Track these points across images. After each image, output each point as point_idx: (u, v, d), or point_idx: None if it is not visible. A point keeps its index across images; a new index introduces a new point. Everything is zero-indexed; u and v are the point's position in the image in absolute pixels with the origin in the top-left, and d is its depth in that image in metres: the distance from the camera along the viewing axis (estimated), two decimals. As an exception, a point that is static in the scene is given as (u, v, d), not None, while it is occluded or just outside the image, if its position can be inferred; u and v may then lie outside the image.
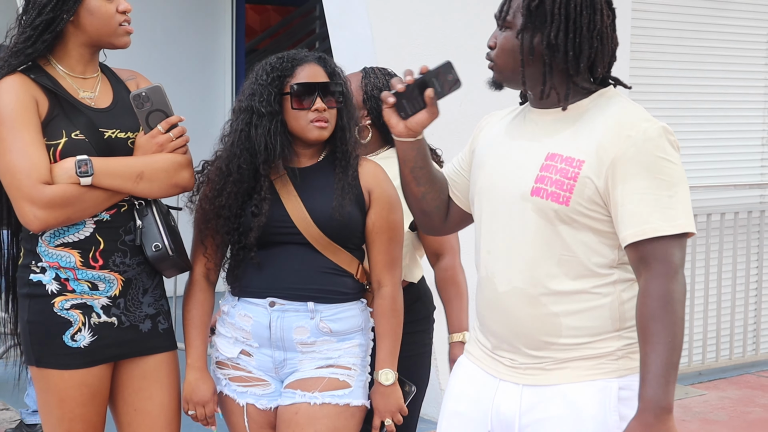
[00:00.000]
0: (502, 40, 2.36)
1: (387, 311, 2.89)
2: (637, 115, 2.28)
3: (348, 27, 5.14)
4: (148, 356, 2.86)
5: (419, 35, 5.15)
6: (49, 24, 2.70)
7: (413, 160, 2.52)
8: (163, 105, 2.77)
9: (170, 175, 2.78)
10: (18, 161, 2.63)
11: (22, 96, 2.67)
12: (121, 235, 2.78)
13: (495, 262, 2.39)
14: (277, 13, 12.30)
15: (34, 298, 2.75)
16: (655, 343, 2.16)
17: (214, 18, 8.38)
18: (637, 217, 2.19)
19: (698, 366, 6.38)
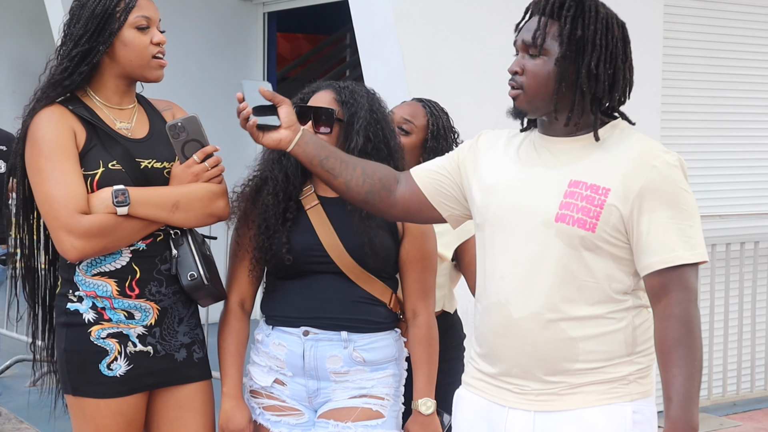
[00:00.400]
0: (533, 66, 2.36)
1: (423, 340, 2.88)
2: (657, 147, 2.36)
3: (379, 54, 5.17)
4: (183, 385, 2.85)
5: (450, 62, 5.16)
6: (85, 56, 2.73)
7: (316, 154, 2.59)
8: (198, 135, 2.78)
9: (205, 204, 2.78)
10: (56, 191, 2.65)
11: (60, 127, 2.70)
12: (156, 264, 2.78)
13: (509, 287, 2.38)
14: (308, 41, 12.38)
15: (71, 326, 2.76)
16: (682, 366, 2.24)
17: (245, 47, 8.44)
18: (664, 245, 2.26)
19: (733, 396, 6.31)
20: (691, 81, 6.18)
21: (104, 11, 2.72)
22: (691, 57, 6.16)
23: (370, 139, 2.83)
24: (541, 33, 2.36)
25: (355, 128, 2.83)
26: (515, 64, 2.39)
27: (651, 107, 5.79)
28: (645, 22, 5.75)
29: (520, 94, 2.38)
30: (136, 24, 2.75)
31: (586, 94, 2.35)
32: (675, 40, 6.02)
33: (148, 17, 2.77)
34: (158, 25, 2.81)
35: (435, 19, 5.16)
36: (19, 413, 5.90)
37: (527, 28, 2.39)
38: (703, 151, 6.22)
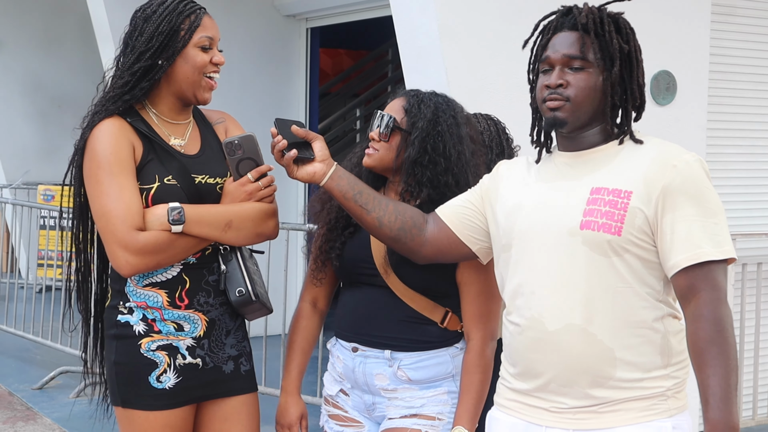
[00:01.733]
0: (578, 80, 2.40)
1: (470, 366, 2.81)
2: (677, 148, 2.39)
3: (423, 71, 5.17)
4: (230, 398, 2.87)
5: (494, 79, 5.16)
6: (148, 71, 2.75)
7: (350, 188, 2.62)
8: (254, 154, 2.80)
9: (257, 224, 2.81)
10: (113, 206, 2.67)
11: (120, 140, 2.72)
12: (205, 276, 2.81)
13: (542, 301, 2.38)
14: (350, 56, 12.44)
15: (122, 339, 2.79)
16: (716, 366, 2.21)
17: (288, 62, 8.48)
18: (689, 242, 2.27)
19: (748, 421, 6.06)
20: (737, 98, 6.13)
21: (170, 29, 2.73)
22: (737, 74, 6.11)
23: (426, 151, 2.80)
24: (587, 47, 2.40)
25: (411, 138, 2.82)
26: (558, 78, 2.41)
27: (696, 124, 5.75)
28: (691, 38, 5.72)
29: (565, 105, 2.40)
30: (200, 43, 2.77)
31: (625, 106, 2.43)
32: (722, 57, 5.98)
33: (211, 37, 2.79)
34: (217, 45, 2.83)
35: (479, 36, 5.16)
36: (63, 424, 5.95)
37: (564, 42, 2.42)
38: (748, 169, 6.17)
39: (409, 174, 2.82)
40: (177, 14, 2.74)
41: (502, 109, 4.96)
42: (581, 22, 2.40)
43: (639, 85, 2.44)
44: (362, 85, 12.25)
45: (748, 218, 6.07)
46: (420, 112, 2.84)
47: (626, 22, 2.46)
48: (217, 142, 2.89)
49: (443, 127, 2.83)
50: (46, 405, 6.37)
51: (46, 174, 10.49)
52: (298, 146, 2.62)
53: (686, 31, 5.69)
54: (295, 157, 2.61)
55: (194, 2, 2.82)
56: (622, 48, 2.40)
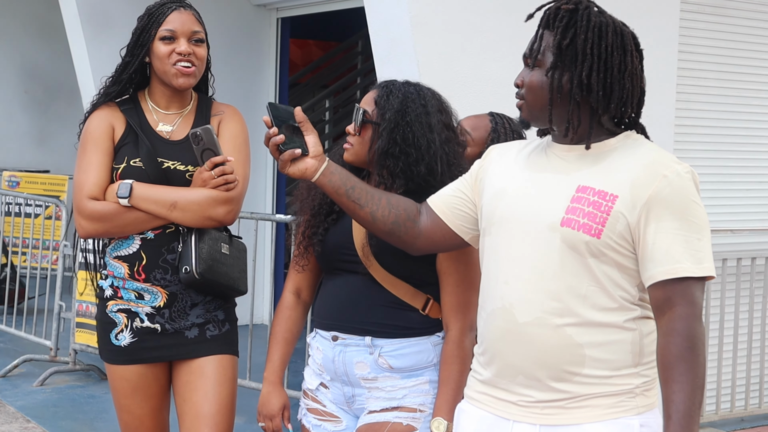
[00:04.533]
0: (530, 78, 2.37)
1: (449, 357, 2.78)
2: (669, 157, 2.33)
3: (395, 63, 5.17)
4: (197, 359, 3.11)
5: (466, 72, 5.17)
6: (126, 66, 3.14)
7: (342, 184, 2.58)
8: (212, 144, 3.00)
9: (203, 208, 3.03)
10: (79, 177, 3.07)
11: (101, 122, 3.11)
12: (163, 254, 3.09)
13: (515, 292, 2.36)
14: (319, 47, 12.41)
15: (99, 300, 3.20)
16: (683, 383, 2.19)
17: (258, 52, 8.45)
18: (669, 256, 2.23)
19: (741, 412, 6.29)
20: (704, 95, 6.19)
21: (141, 27, 3.12)
22: (705, 71, 6.17)
23: (396, 142, 2.79)
24: (537, 45, 2.36)
25: (379, 130, 2.82)
26: (518, 77, 2.41)
27: (664, 121, 5.79)
28: (659, 35, 5.76)
29: (523, 104, 2.40)
30: (161, 36, 3.09)
31: (581, 104, 2.33)
32: (689, 54, 6.04)
33: (173, 30, 3.09)
34: (192, 36, 3.11)
35: (452, 28, 5.17)
36: (27, 412, 5.91)
37: (530, 41, 2.39)
38: (716, 165, 6.23)
39: (382, 166, 2.81)
40: (148, 15, 3.12)
41: (473, 101, 4.99)
42: (541, 19, 2.38)
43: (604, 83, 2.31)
44: (332, 76, 12.23)
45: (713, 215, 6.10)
46: (388, 103, 2.82)
47: (588, 14, 2.34)
48: None
49: (411, 117, 2.80)
50: (10, 393, 6.32)
51: (41, 161, 10.77)
52: (289, 134, 2.59)
53: (655, 28, 5.72)
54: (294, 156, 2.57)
55: (167, 3, 3.13)
56: (562, 42, 2.31)
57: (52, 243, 7.99)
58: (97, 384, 6.58)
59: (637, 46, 2.40)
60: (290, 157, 2.57)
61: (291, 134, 2.59)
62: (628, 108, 2.37)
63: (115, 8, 7.23)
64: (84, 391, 6.44)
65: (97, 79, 7.31)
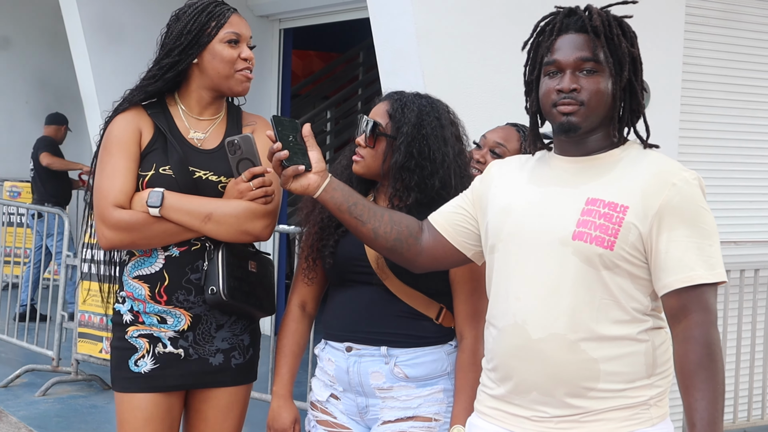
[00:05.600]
0: (593, 83, 2.34)
1: (465, 365, 2.78)
2: (676, 165, 2.34)
3: (400, 74, 5.17)
4: (218, 389, 2.94)
5: (471, 83, 5.17)
6: (174, 65, 2.89)
7: (344, 200, 2.55)
8: (251, 154, 2.83)
9: (240, 221, 2.84)
10: (102, 183, 2.83)
11: (128, 125, 2.87)
12: (186, 273, 2.87)
13: (527, 308, 2.34)
14: (321, 59, 12.41)
15: (116, 325, 2.95)
16: (705, 390, 2.19)
17: (261, 63, 8.42)
18: (684, 264, 2.23)
19: (743, 423, 6.27)
20: (709, 107, 6.18)
21: (199, 27, 2.87)
22: (709, 83, 6.17)
23: (413, 156, 2.78)
24: (597, 50, 2.34)
25: (396, 144, 2.81)
26: (571, 82, 2.34)
27: (669, 132, 5.79)
28: (665, 47, 5.76)
29: (580, 109, 2.34)
30: (225, 38, 2.88)
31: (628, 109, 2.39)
32: (694, 65, 6.03)
33: (238, 33, 2.91)
34: (249, 42, 2.95)
35: (456, 39, 5.17)
36: (29, 422, 5.90)
37: (573, 45, 2.35)
38: (720, 177, 6.22)
39: (397, 179, 2.81)
40: (206, 14, 2.88)
41: (477, 112, 4.99)
42: (593, 24, 2.35)
43: (643, 90, 2.41)
44: (333, 87, 12.24)
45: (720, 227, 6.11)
46: (404, 117, 2.81)
47: (629, 26, 2.41)
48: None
49: (427, 131, 2.80)
50: (12, 403, 6.31)
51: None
52: (293, 148, 2.55)
53: (660, 40, 5.72)
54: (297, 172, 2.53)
55: (223, 4, 2.95)
56: (630, 51, 2.36)
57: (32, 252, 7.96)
58: (99, 394, 6.57)
59: None
60: (293, 173, 2.52)
61: (294, 148, 2.54)
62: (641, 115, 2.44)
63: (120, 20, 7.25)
64: (86, 401, 6.43)
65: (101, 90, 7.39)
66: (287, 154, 2.51)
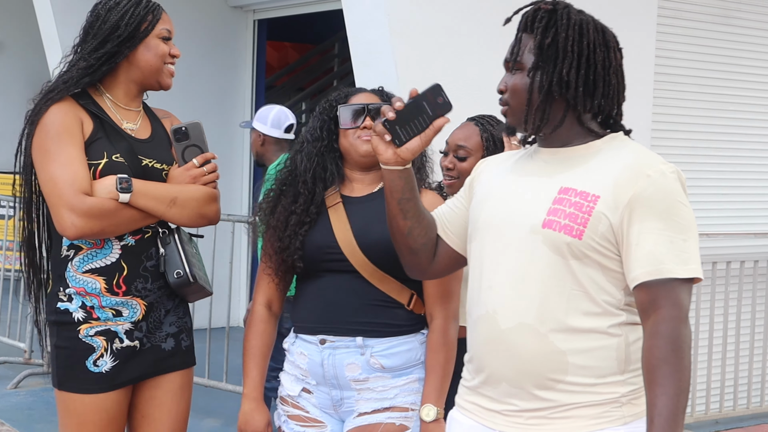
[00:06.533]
0: (513, 82, 2.33)
1: (435, 345, 2.81)
2: (655, 158, 2.28)
3: (373, 65, 5.17)
4: (166, 375, 2.95)
5: (444, 74, 5.16)
6: (111, 56, 2.88)
7: (401, 191, 2.46)
8: (200, 141, 2.93)
9: (200, 205, 2.92)
10: (61, 172, 2.76)
11: (69, 115, 2.83)
12: (143, 261, 2.89)
13: (498, 297, 2.31)
14: (295, 50, 12.38)
15: (62, 325, 2.85)
16: (666, 386, 2.12)
17: (235, 54, 8.43)
18: (652, 257, 2.17)
19: (715, 414, 6.32)
20: (682, 99, 6.23)
21: (137, 19, 2.89)
22: (682, 76, 6.20)
23: None
24: (516, 48, 2.33)
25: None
26: (501, 83, 2.36)
27: (642, 125, 5.81)
28: (637, 41, 5.78)
29: (507, 110, 2.36)
30: (161, 34, 2.94)
31: (561, 102, 2.29)
32: (666, 59, 6.06)
33: (170, 30, 2.98)
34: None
35: (430, 32, 5.17)
36: (2, 415, 5.86)
37: (510, 46, 2.36)
38: (694, 170, 6.25)
39: None
40: (143, 7, 2.92)
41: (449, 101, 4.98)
42: (520, 23, 2.34)
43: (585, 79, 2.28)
44: (308, 79, 12.21)
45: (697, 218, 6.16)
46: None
47: (567, 13, 2.31)
48: (164, 132, 3.02)
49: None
50: (-17, 397, 6.27)
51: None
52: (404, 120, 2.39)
53: (632, 33, 5.74)
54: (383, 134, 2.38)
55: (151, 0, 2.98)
56: (543, 42, 2.28)
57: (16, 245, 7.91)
58: (71, 387, 6.53)
59: (617, 44, 2.37)
60: (380, 133, 2.40)
61: (408, 121, 2.39)
62: (614, 105, 2.34)
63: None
64: (58, 394, 6.39)
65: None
66: (393, 117, 2.38)
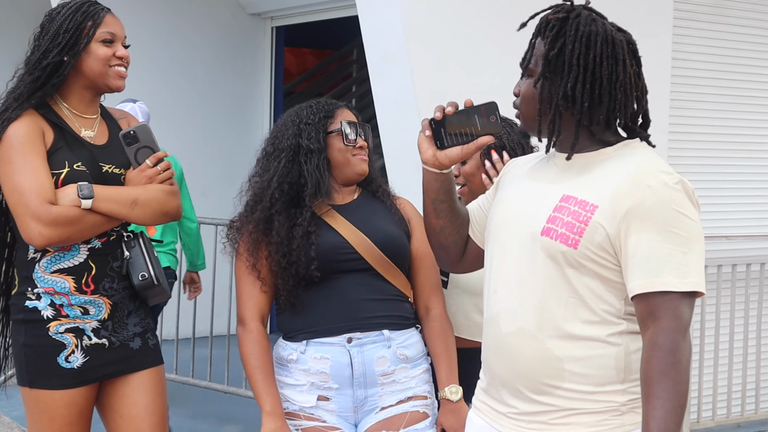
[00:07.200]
0: (524, 87, 2.34)
1: (440, 333, 2.95)
2: (658, 167, 2.25)
3: (389, 72, 5.18)
4: (134, 373, 3.00)
5: (460, 80, 5.17)
6: (57, 67, 2.92)
7: (435, 192, 2.46)
8: (150, 142, 2.98)
9: (162, 203, 2.98)
10: (26, 182, 2.81)
11: (31, 126, 2.88)
12: (109, 262, 2.96)
13: (501, 301, 2.34)
14: (315, 56, 12.39)
15: (30, 323, 2.91)
16: (665, 399, 2.10)
17: (253, 61, 8.47)
18: (648, 269, 2.15)
19: (737, 418, 6.29)
20: (698, 101, 6.20)
21: (75, 27, 2.92)
22: (699, 78, 6.18)
23: None
24: (529, 54, 2.34)
25: None
26: (516, 86, 2.37)
27: (658, 127, 5.73)
28: (653, 43, 5.76)
29: (520, 114, 2.38)
30: (101, 38, 2.95)
31: (565, 115, 2.29)
32: (683, 60, 6.04)
33: (113, 33, 2.98)
34: (123, 41, 3.02)
35: (445, 38, 5.18)
36: (23, 422, 5.90)
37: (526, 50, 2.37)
38: (710, 172, 6.24)
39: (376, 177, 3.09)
40: (81, 14, 2.94)
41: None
42: (536, 27, 2.34)
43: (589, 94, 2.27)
44: (327, 85, 12.22)
45: (709, 221, 6.11)
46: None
47: (577, 23, 2.30)
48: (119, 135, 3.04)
49: None
50: (5, 404, 6.28)
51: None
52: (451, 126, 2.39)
53: (648, 36, 5.72)
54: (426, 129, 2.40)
55: (97, 3, 3.01)
56: (549, 53, 2.28)
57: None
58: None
59: (634, 53, 2.34)
60: (424, 128, 2.40)
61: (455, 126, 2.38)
62: (620, 118, 2.32)
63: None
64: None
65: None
66: (439, 117, 2.38)
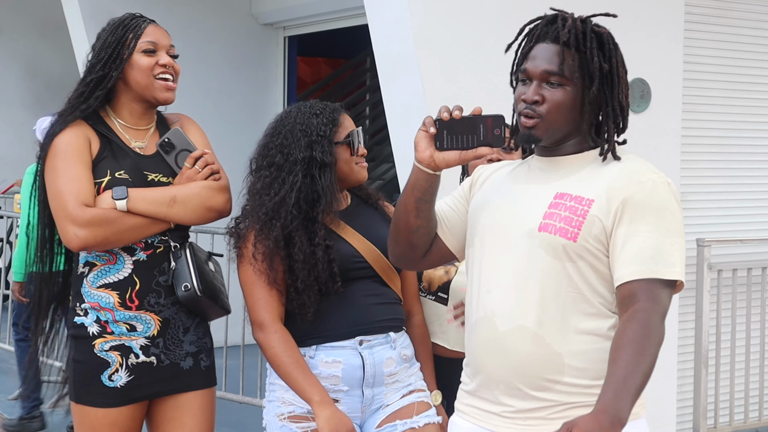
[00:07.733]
0: (555, 96, 2.35)
1: (422, 338, 3.12)
2: (649, 167, 2.36)
3: (399, 79, 5.19)
4: (185, 393, 2.99)
5: (469, 87, 5.17)
6: (100, 81, 2.96)
7: (422, 192, 2.46)
8: (186, 144, 2.98)
9: (203, 199, 2.94)
10: (66, 186, 2.85)
11: (77, 134, 2.92)
12: (155, 276, 2.94)
13: (496, 301, 2.36)
14: (328, 65, 12.44)
15: (78, 339, 2.94)
16: (628, 360, 2.09)
17: (266, 70, 8.50)
18: (638, 258, 2.22)
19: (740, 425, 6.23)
20: (711, 105, 6.17)
21: (117, 40, 2.96)
22: (711, 81, 6.15)
23: None
24: (567, 63, 2.34)
25: None
26: (534, 93, 2.35)
27: (671, 130, 5.79)
28: (665, 46, 5.76)
29: (539, 122, 2.36)
30: (142, 48, 2.97)
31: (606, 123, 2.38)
32: (695, 64, 6.02)
33: (155, 42, 2.99)
34: (169, 50, 3.02)
35: (455, 45, 5.18)
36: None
37: (544, 56, 2.36)
38: (722, 176, 6.21)
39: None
40: (122, 28, 2.98)
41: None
42: (563, 39, 2.34)
43: (620, 104, 2.38)
44: (340, 93, 12.25)
45: (722, 225, 6.11)
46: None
47: (610, 38, 2.40)
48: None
49: None
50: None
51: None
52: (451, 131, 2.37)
53: (660, 39, 5.72)
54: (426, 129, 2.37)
55: (140, 16, 3.04)
56: (602, 66, 2.35)
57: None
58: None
59: None
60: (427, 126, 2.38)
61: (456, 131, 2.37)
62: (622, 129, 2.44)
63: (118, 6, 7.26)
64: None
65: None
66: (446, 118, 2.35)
